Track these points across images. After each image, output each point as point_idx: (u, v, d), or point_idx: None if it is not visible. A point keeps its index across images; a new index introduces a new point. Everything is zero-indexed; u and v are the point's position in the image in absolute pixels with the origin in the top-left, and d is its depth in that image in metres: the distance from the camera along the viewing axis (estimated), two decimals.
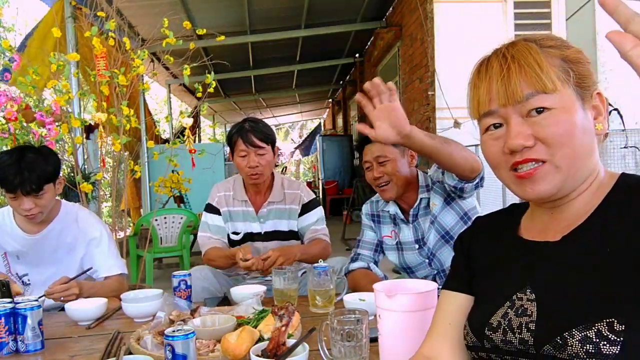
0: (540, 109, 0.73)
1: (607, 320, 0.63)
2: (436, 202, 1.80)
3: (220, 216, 2.14)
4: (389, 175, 1.78)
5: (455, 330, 0.86)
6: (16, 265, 1.96)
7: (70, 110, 3.26)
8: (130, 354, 1.20)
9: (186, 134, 3.14)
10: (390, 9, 6.94)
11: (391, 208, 1.89)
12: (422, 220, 1.84)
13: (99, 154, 3.59)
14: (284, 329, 1.12)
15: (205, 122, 15.20)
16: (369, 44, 8.70)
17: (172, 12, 3.45)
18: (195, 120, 10.06)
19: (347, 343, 1.05)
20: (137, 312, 1.58)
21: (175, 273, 1.71)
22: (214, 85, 3.19)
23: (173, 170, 3.59)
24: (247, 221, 2.13)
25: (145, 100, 7.03)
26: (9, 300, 1.40)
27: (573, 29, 4.96)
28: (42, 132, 2.87)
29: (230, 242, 2.14)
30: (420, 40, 5.47)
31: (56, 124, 2.84)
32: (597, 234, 0.73)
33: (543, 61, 0.74)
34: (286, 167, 20.69)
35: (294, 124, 23.57)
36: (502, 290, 0.79)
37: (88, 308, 1.60)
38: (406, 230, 1.87)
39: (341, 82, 12.18)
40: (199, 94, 3.19)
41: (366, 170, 1.86)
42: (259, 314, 1.38)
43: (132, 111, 2.97)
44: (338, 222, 7.90)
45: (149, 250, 4.38)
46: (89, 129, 4.46)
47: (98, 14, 2.98)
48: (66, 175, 3.63)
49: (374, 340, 1.09)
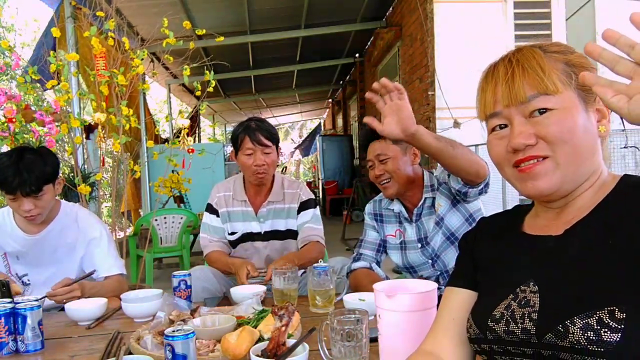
0: (543, 110, 0.77)
1: (609, 308, 0.65)
2: (442, 204, 1.80)
3: (218, 218, 2.15)
4: (389, 173, 1.79)
5: (458, 326, 0.87)
6: (16, 265, 1.96)
7: (70, 110, 3.26)
8: (130, 354, 1.20)
9: (182, 134, 3.15)
10: (390, 9, 6.94)
11: (395, 206, 1.89)
12: (426, 220, 1.83)
13: (99, 154, 3.59)
14: (284, 329, 1.12)
15: (205, 122, 15.20)
16: (369, 44, 8.70)
17: (172, 12, 3.46)
18: (195, 120, 10.07)
19: (347, 343, 1.05)
20: (137, 312, 1.58)
21: (175, 273, 1.71)
22: (214, 84, 3.19)
23: (173, 170, 3.59)
24: (247, 221, 2.13)
25: (146, 100, 7.03)
26: (9, 300, 1.40)
27: (573, 29, 4.96)
28: (42, 131, 2.87)
29: (233, 243, 2.15)
30: (420, 40, 5.47)
31: (56, 123, 2.84)
32: (599, 227, 0.75)
33: (546, 64, 0.77)
34: (286, 167, 20.70)
35: (294, 124, 23.58)
36: (506, 283, 0.81)
37: (88, 308, 1.60)
38: (409, 229, 1.87)
39: (341, 82, 12.19)
40: (198, 93, 3.19)
41: (369, 168, 1.88)
42: (259, 314, 1.38)
43: (132, 111, 2.97)
44: (338, 222, 7.90)
45: (148, 250, 4.38)
46: (89, 129, 4.46)
47: (97, 13, 2.98)
48: (66, 176, 3.63)
49: (374, 340, 1.09)
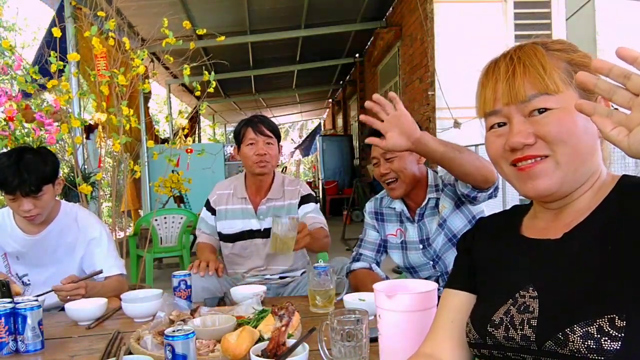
0: (542, 110, 0.76)
1: (609, 316, 0.64)
2: (446, 205, 1.78)
3: (213, 216, 2.19)
4: (395, 172, 1.77)
5: (457, 328, 0.87)
6: (16, 265, 1.96)
7: (70, 110, 3.26)
8: (130, 354, 1.20)
9: (180, 135, 3.15)
10: (390, 9, 6.94)
11: (397, 205, 1.87)
12: (428, 221, 1.82)
13: (99, 154, 3.59)
14: (284, 329, 1.12)
15: (205, 122, 15.21)
16: (369, 44, 8.70)
17: (172, 12, 3.46)
18: (195, 120, 10.07)
19: (347, 343, 1.05)
20: (137, 312, 1.58)
21: (175, 273, 1.70)
22: (214, 85, 3.19)
23: (173, 170, 3.59)
24: (246, 218, 2.15)
25: (148, 100, 7.03)
26: (9, 300, 1.40)
27: (573, 29, 4.96)
28: (43, 133, 2.87)
29: (223, 237, 2.18)
30: (420, 40, 5.47)
31: (56, 124, 2.84)
32: (598, 231, 0.74)
33: (547, 63, 0.76)
34: (286, 167, 20.69)
35: (294, 124, 23.58)
36: (505, 287, 0.80)
37: (88, 308, 1.60)
38: (411, 229, 1.85)
39: (341, 82, 12.19)
40: (198, 94, 3.19)
41: (374, 166, 1.85)
42: (259, 314, 1.38)
43: (132, 111, 2.97)
44: (338, 222, 7.89)
45: (149, 250, 4.38)
46: (89, 129, 4.46)
47: (98, 13, 2.98)
48: (66, 176, 3.63)
49: (374, 340, 1.09)
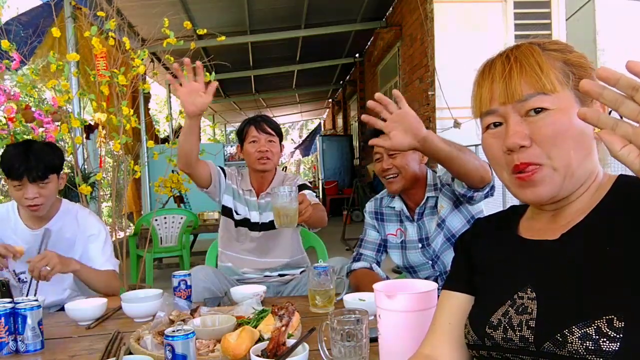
0: (539, 109, 0.75)
1: (607, 317, 0.64)
2: (444, 205, 1.78)
3: (224, 175, 2.16)
4: (397, 168, 1.78)
5: (455, 329, 0.86)
6: (14, 262, 1.96)
7: (70, 110, 3.26)
8: (130, 354, 1.20)
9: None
10: (390, 9, 6.95)
11: (397, 204, 1.88)
12: (428, 220, 1.82)
13: (99, 153, 3.59)
14: (284, 329, 1.12)
15: (205, 122, 15.19)
16: (369, 44, 8.71)
17: (172, 12, 3.46)
18: None
19: (347, 343, 1.05)
20: (137, 312, 1.58)
21: (175, 273, 1.70)
22: (211, 80, 3.19)
23: (173, 170, 3.58)
24: (250, 209, 2.18)
25: (149, 100, 7.03)
26: (9, 300, 1.40)
27: (573, 29, 4.96)
28: (41, 131, 2.87)
29: (226, 212, 2.18)
30: (420, 40, 5.47)
31: (55, 123, 2.84)
32: (596, 232, 0.74)
33: (544, 62, 0.76)
34: (286, 167, 20.69)
35: (294, 124, 23.59)
36: (503, 289, 0.80)
37: (88, 308, 1.60)
38: (410, 228, 1.86)
39: (341, 82, 12.19)
40: None
41: (376, 161, 1.85)
42: (259, 314, 1.38)
43: (132, 111, 2.97)
44: (338, 222, 7.89)
45: (149, 250, 4.38)
46: (89, 129, 4.46)
47: (98, 13, 2.98)
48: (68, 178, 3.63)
49: (374, 340, 1.09)
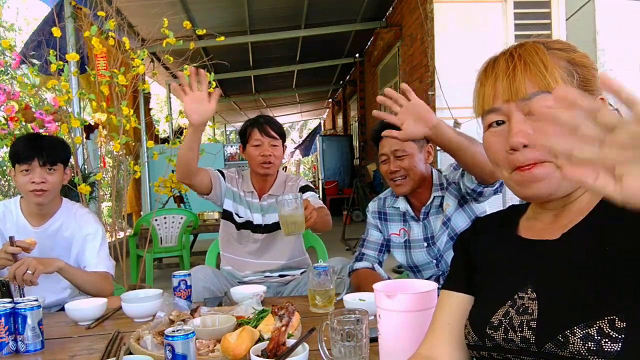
0: None
1: (609, 318, 0.64)
2: (450, 204, 1.78)
3: (223, 178, 2.15)
4: (405, 170, 1.77)
5: (454, 330, 0.86)
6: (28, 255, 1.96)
7: (70, 110, 3.26)
8: (130, 354, 1.20)
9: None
10: (390, 9, 6.94)
11: (401, 205, 1.87)
12: (433, 219, 1.82)
13: (99, 153, 3.59)
14: (284, 329, 1.12)
15: None
16: (369, 44, 8.70)
17: (172, 12, 3.46)
18: None
19: (347, 343, 1.05)
20: (137, 312, 1.58)
21: (175, 273, 1.70)
22: (214, 85, 3.19)
23: (173, 170, 3.59)
24: (252, 212, 2.18)
25: (149, 100, 7.03)
26: (9, 300, 1.40)
27: (573, 29, 4.96)
28: (42, 132, 2.87)
29: (227, 216, 2.18)
30: (420, 40, 5.47)
31: (56, 123, 2.84)
32: (596, 231, 0.73)
33: (549, 61, 0.75)
34: (286, 167, 20.70)
35: (294, 124, 23.58)
36: (504, 289, 0.79)
37: (88, 308, 1.60)
38: (416, 228, 1.85)
39: (341, 82, 12.19)
40: None
41: (381, 163, 1.84)
42: (259, 314, 1.38)
43: (132, 111, 2.98)
44: (338, 222, 7.88)
45: (148, 250, 4.37)
46: (89, 129, 4.46)
47: (98, 13, 2.98)
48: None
49: (374, 340, 1.09)
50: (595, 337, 0.64)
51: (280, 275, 2.18)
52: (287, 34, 7.26)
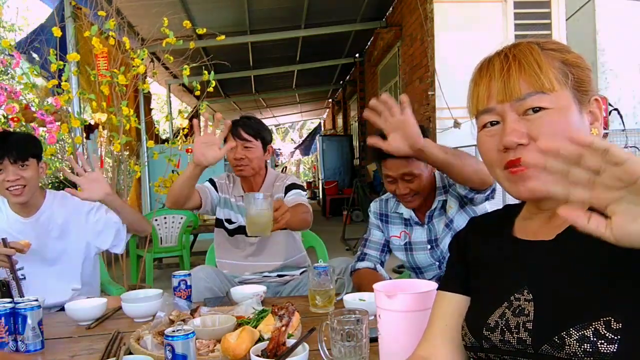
0: (537, 109, 0.75)
1: (604, 319, 0.64)
2: (452, 205, 1.79)
3: (215, 189, 2.16)
4: (414, 191, 1.74)
5: (451, 331, 0.86)
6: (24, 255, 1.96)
7: (70, 110, 3.26)
8: (130, 354, 1.20)
9: (180, 135, 3.15)
10: (390, 9, 6.94)
11: (405, 211, 1.86)
12: (437, 222, 1.82)
13: (99, 153, 3.59)
14: (284, 329, 1.12)
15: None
16: (369, 44, 8.70)
17: (172, 12, 3.46)
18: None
19: (347, 343, 1.05)
20: (137, 312, 1.57)
21: (175, 273, 1.70)
22: (214, 84, 3.19)
23: (173, 170, 3.59)
24: (243, 216, 2.16)
25: (150, 100, 7.02)
26: (9, 300, 1.40)
27: (573, 29, 4.96)
28: (43, 132, 2.87)
29: (219, 224, 2.18)
30: (420, 40, 5.47)
31: (57, 123, 2.84)
32: None
33: (543, 61, 0.75)
34: (286, 167, 20.70)
35: (294, 124, 23.58)
36: (500, 290, 0.79)
37: (88, 308, 1.60)
38: (419, 231, 1.85)
39: (341, 82, 12.18)
40: (198, 93, 3.19)
41: (387, 182, 1.78)
42: (259, 314, 1.38)
43: (132, 111, 2.98)
44: (338, 222, 7.89)
45: (149, 250, 4.38)
46: (89, 129, 4.46)
47: (98, 13, 2.98)
48: (65, 177, 3.63)
49: (374, 340, 1.09)
50: (591, 339, 0.64)
51: (279, 275, 2.18)
52: (287, 34, 7.25)
